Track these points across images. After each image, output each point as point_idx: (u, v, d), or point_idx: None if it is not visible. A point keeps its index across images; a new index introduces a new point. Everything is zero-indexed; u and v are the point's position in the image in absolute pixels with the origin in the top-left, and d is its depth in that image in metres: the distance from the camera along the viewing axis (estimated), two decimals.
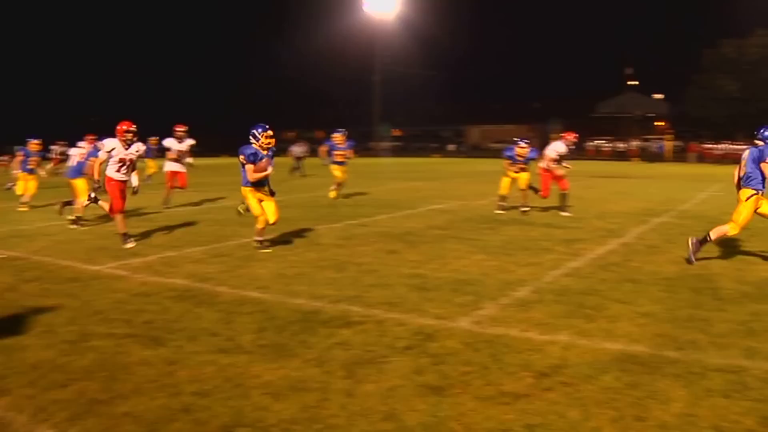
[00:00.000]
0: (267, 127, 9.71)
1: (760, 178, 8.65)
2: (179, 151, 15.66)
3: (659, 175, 34.73)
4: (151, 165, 24.73)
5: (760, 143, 8.71)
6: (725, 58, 64.77)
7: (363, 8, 66.67)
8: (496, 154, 67.99)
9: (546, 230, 11.85)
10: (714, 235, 8.85)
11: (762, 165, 8.58)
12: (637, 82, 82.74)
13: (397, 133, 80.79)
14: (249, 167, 9.49)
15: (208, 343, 5.36)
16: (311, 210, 14.91)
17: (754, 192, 8.64)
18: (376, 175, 30.60)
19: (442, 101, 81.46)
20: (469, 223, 12.92)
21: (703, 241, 8.88)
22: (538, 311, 6.39)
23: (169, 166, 15.74)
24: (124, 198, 10.29)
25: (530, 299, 6.86)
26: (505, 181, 14.66)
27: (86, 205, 11.98)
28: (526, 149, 14.37)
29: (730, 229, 8.78)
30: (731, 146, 56.98)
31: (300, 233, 11.24)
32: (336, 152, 17.39)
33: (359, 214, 13.82)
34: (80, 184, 13.18)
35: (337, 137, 17.37)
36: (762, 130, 8.79)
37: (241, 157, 9.49)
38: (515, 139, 15.07)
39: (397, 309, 6.42)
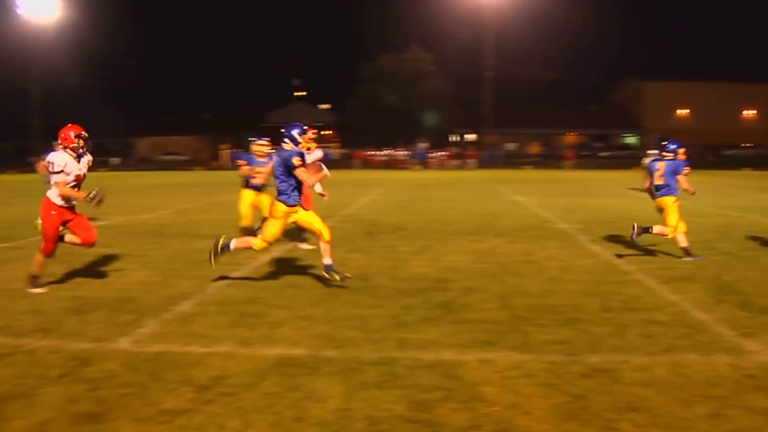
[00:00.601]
0: (306, 127, 8.16)
1: (674, 186, 9.74)
2: None
3: (326, 182, 36.19)
4: None
5: (670, 156, 9.79)
6: (384, 71, 69.45)
7: (16, 11, 60.97)
8: (167, 165, 66.48)
9: (212, 242, 11.70)
10: (681, 244, 9.71)
11: (679, 177, 9.72)
12: (304, 93, 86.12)
13: None
14: (302, 171, 7.64)
15: None
16: None
17: (676, 198, 9.70)
18: (35, 192, 28.42)
19: (109, 113, 77.98)
20: (133, 238, 12.53)
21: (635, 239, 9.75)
22: (201, 324, 6.40)
23: None
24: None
25: (193, 312, 6.85)
26: (244, 208, 11.26)
27: None
28: (265, 146, 11.19)
29: (670, 232, 9.67)
30: (393, 152, 62.06)
31: None
32: None
33: (15, 236, 12.72)
34: None
35: None
36: (668, 144, 9.90)
37: (296, 159, 7.59)
38: (250, 139, 11.78)
39: (52, 335, 6.04)
